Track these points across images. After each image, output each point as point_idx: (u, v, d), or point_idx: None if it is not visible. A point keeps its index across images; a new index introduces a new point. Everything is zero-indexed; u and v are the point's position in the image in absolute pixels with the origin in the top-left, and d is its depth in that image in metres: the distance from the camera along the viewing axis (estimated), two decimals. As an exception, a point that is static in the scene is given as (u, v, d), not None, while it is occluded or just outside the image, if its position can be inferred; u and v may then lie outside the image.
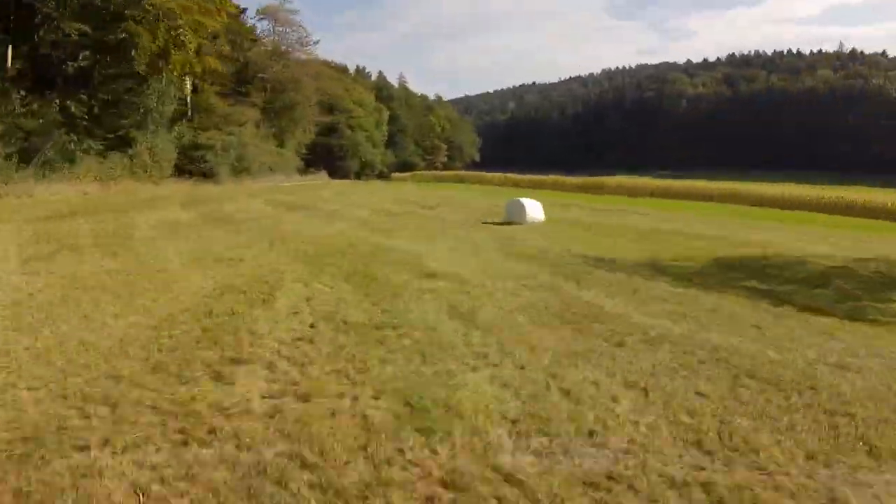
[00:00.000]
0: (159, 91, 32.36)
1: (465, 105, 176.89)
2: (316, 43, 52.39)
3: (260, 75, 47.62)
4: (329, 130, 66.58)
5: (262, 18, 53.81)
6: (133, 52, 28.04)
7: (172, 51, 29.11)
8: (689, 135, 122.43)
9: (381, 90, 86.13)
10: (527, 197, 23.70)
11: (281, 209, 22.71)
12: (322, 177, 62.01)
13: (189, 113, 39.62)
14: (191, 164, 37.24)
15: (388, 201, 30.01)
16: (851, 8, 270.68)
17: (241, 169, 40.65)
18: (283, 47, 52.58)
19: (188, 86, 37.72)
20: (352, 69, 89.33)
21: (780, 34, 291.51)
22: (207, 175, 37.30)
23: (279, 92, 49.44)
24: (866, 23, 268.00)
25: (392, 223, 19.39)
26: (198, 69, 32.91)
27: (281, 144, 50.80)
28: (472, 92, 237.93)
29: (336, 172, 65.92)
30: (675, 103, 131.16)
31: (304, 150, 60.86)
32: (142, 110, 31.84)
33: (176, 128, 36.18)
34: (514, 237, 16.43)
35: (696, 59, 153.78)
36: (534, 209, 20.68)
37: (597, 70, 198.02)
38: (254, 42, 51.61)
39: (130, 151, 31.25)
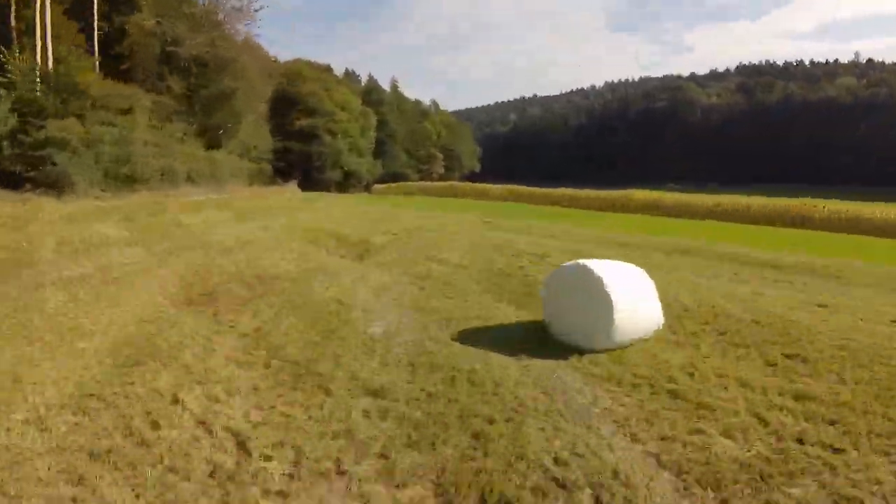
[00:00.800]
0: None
1: (467, 117, 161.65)
2: (258, 10, 36.57)
3: (172, 49, 31.56)
4: (309, 136, 52.63)
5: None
6: None
7: None
8: (693, 147, 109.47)
9: (371, 93, 71.34)
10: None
11: None
12: (288, 189, 47.63)
13: (48, 95, 24.57)
14: (30, 169, 22.06)
15: (295, 240, 14.73)
16: (854, 21, 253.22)
17: (123, 177, 25.19)
18: (220, 16, 36.24)
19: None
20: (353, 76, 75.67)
21: (782, 48, 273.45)
22: (55, 185, 22.02)
23: (212, 73, 33.55)
24: (867, 36, 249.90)
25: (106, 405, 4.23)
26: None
27: (214, 145, 35.10)
28: (474, 104, 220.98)
29: (316, 184, 52.04)
30: (689, 111, 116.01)
31: (269, 156, 47.41)
32: None
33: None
34: None
35: (700, 72, 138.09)
36: (633, 302, 5.24)
37: (599, 83, 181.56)
38: (190, 17, 36.33)
39: None
